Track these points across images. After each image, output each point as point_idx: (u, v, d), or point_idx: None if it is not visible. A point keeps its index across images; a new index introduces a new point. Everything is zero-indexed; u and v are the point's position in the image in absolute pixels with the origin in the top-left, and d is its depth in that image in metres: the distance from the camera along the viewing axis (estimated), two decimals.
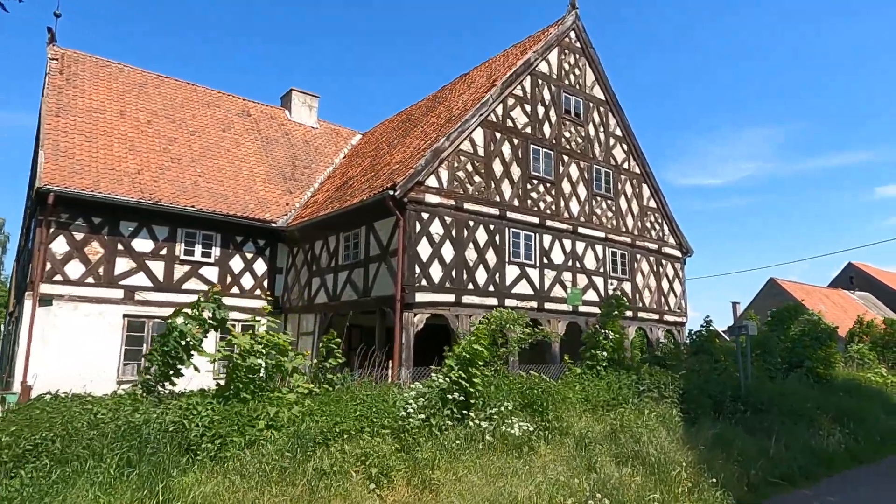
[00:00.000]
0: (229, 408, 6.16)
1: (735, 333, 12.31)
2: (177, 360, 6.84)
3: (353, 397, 7.17)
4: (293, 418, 6.14)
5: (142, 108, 19.34)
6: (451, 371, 7.44)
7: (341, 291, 15.12)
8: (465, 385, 7.31)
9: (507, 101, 15.48)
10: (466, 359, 7.49)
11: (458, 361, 7.51)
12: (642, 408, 9.13)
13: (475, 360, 7.49)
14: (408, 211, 13.08)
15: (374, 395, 7.23)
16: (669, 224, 20.01)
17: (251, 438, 5.73)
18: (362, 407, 6.82)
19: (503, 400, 7.81)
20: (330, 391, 7.75)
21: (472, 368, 7.41)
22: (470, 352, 7.51)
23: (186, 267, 16.43)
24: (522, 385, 8.32)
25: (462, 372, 7.38)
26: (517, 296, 14.91)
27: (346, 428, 6.26)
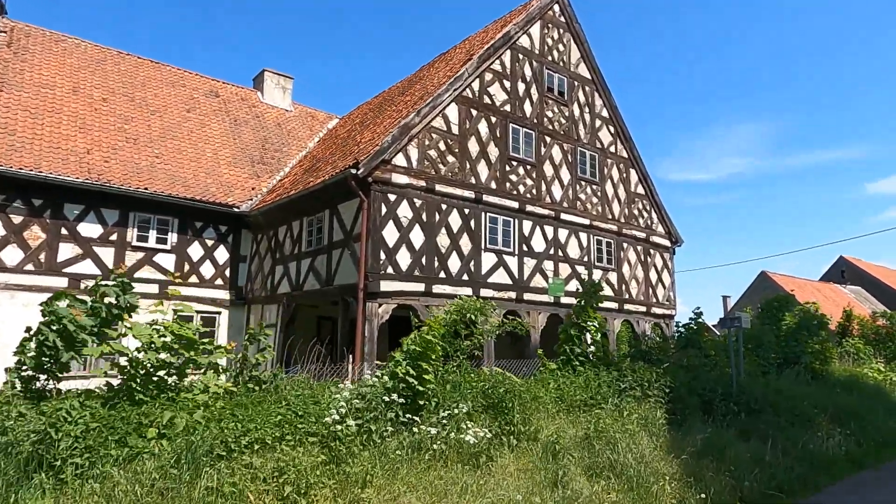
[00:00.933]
0: (115, 413, 5.08)
1: (727, 326, 11.33)
2: (54, 352, 5.74)
3: (278, 399, 6.09)
4: (193, 425, 5.07)
5: (97, 85, 18.08)
6: (398, 366, 6.37)
7: (304, 280, 14.01)
8: (413, 383, 6.25)
9: (484, 77, 14.37)
10: (416, 352, 6.43)
11: (407, 356, 6.45)
12: (623, 408, 8.10)
13: (427, 353, 6.42)
14: (372, 192, 11.97)
15: (305, 396, 6.16)
16: (658, 212, 19.01)
17: (135, 451, 4.65)
18: (288, 410, 5.75)
19: (460, 401, 6.75)
20: (255, 391, 6.66)
21: (423, 363, 6.34)
22: (421, 344, 6.46)
23: (139, 254, 15.23)
24: (485, 383, 7.28)
25: (410, 367, 6.32)
26: (494, 285, 13.86)
27: (261, 436, 5.19)
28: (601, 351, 10.91)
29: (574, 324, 10.48)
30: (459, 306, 8.52)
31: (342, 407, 5.73)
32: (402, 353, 6.56)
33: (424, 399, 6.39)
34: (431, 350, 6.51)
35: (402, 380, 6.29)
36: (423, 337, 6.56)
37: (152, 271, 15.38)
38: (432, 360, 6.52)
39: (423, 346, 6.47)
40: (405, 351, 6.58)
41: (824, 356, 14.96)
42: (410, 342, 6.63)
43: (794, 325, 15.35)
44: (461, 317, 8.18)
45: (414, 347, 6.49)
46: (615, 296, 16.89)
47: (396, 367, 6.39)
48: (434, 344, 6.51)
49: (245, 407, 5.72)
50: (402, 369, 6.31)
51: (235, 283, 16.77)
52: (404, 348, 6.65)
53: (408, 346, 6.57)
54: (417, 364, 6.34)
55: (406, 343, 6.70)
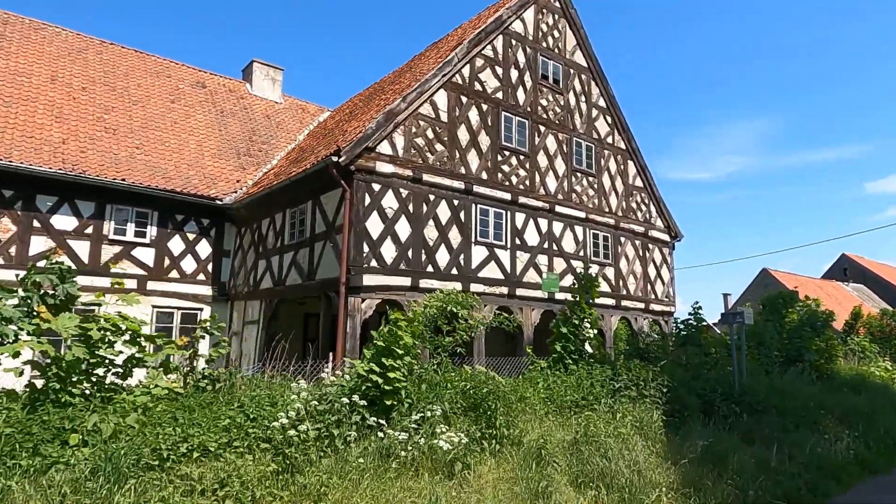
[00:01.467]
0: (35, 416, 4.49)
1: (728, 322, 10.70)
2: None
3: (231, 400, 5.49)
4: (125, 430, 4.48)
5: (77, 74, 17.49)
6: (364, 364, 5.77)
7: (286, 275, 13.41)
8: (379, 382, 5.65)
9: (474, 62, 13.75)
10: (383, 348, 5.83)
11: (376, 352, 5.85)
12: (617, 410, 7.49)
13: (395, 350, 5.82)
14: (355, 181, 11.37)
15: (260, 398, 5.57)
16: (657, 205, 18.39)
17: (50, 461, 4.06)
18: (239, 413, 5.16)
19: (435, 402, 6.15)
20: (207, 391, 6.05)
21: (391, 360, 5.74)
22: (388, 339, 5.86)
23: (116, 248, 14.63)
24: (466, 383, 6.68)
25: (375, 365, 5.71)
26: (485, 280, 13.25)
27: (203, 442, 4.59)
28: (598, 349, 10.28)
29: (567, 320, 9.88)
30: (439, 299, 7.90)
31: (297, 409, 5.12)
32: (372, 350, 5.96)
33: (394, 400, 5.79)
34: (400, 345, 5.90)
35: (367, 378, 5.70)
36: (391, 331, 5.95)
37: (130, 265, 14.78)
38: (402, 357, 5.91)
39: (391, 341, 5.87)
40: (374, 347, 5.98)
41: (829, 354, 14.35)
42: (378, 337, 6.03)
43: (797, 321, 14.72)
44: (441, 311, 7.57)
45: (381, 343, 5.89)
46: (612, 292, 16.29)
47: (367, 364, 5.78)
48: (403, 339, 5.90)
49: (191, 409, 5.13)
50: (366, 366, 5.70)
51: (218, 279, 16.18)
52: (373, 342, 6.04)
53: (376, 342, 5.97)
54: (384, 362, 5.73)
55: (374, 338, 6.10)
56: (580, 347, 9.58)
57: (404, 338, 5.91)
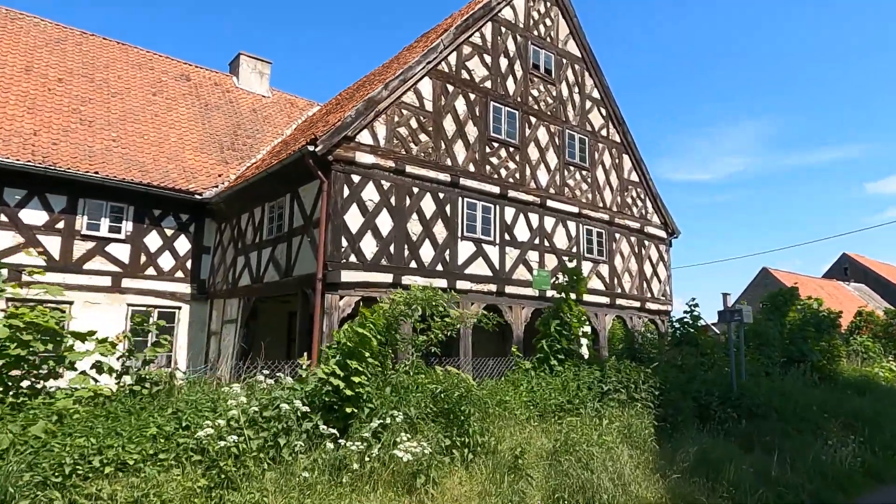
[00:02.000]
0: None
1: (726, 320, 10.10)
2: None
3: (166, 406, 4.91)
4: (28, 441, 3.90)
5: (54, 64, 16.91)
6: (325, 365, 5.18)
7: (264, 272, 12.83)
8: (340, 386, 5.07)
9: (462, 50, 13.18)
10: (347, 349, 5.25)
11: (339, 354, 5.26)
12: (604, 414, 6.90)
13: (359, 351, 5.23)
14: (333, 172, 10.79)
15: (198, 402, 4.99)
16: (653, 201, 17.81)
17: None
18: (171, 420, 4.58)
19: (401, 408, 5.56)
20: (143, 394, 5.47)
21: (354, 363, 5.16)
22: (353, 339, 5.28)
23: (90, 244, 14.04)
24: (436, 386, 6.10)
25: (338, 368, 5.13)
26: (472, 277, 12.67)
27: (121, 454, 4.02)
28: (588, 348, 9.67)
29: (552, 317, 9.29)
30: (404, 296, 7.31)
31: (232, 417, 4.53)
32: (333, 350, 5.38)
33: (353, 407, 5.21)
34: (366, 346, 5.32)
35: (326, 382, 5.12)
36: (355, 330, 5.37)
37: (104, 262, 14.20)
38: (367, 359, 5.34)
39: (356, 341, 5.29)
40: (335, 347, 5.40)
41: (832, 355, 13.76)
42: (342, 336, 5.45)
43: (799, 320, 14.13)
44: (409, 307, 6.98)
45: (345, 343, 5.31)
46: (606, 290, 15.70)
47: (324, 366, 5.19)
48: (369, 339, 5.32)
49: (114, 416, 4.55)
50: (327, 369, 5.13)
51: (198, 276, 15.59)
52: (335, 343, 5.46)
53: (338, 342, 5.39)
54: (346, 364, 5.15)
55: (335, 337, 5.51)
56: (568, 347, 8.99)
57: (370, 338, 5.33)
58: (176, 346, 15.08)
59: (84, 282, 13.84)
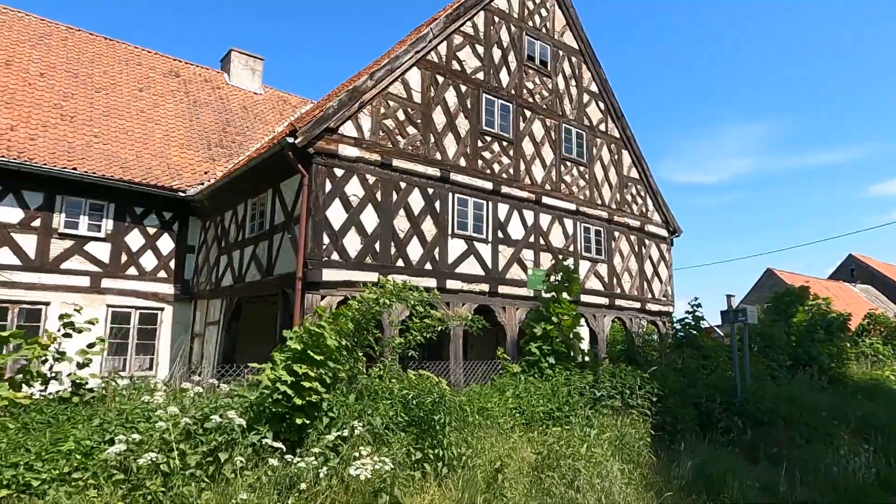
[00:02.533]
0: None
1: (730, 321, 9.50)
2: None
3: (92, 416, 4.37)
4: None
5: (36, 59, 16.44)
6: (273, 370, 4.62)
7: (246, 271, 12.30)
8: (293, 395, 4.51)
9: (452, 39, 12.64)
10: (297, 352, 4.69)
11: (289, 357, 4.71)
12: (594, 423, 6.33)
13: (312, 354, 4.67)
14: (315, 165, 10.26)
15: (129, 412, 4.44)
16: (654, 198, 17.21)
17: None
18: (96, 432, 4.04)
19: (366, 417, 5.00)
20: (71, 402, 4.92)
21: (309, 367, 4.60)
22: (305, 340, 4.72)
23: (68, 242, 13.52)
24: (409, 392, 5.53)
25: (288, 373, 4.57)
26: (463, 276, 12.11)
27: (21, 474, 3.47)
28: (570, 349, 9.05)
29: (544, 317, 8.72)
30: (374, 293, 6.75)
31: (159, 430, 3.98)
32: (283, 353, 4.82)
33: (305, 417, 4.64)
34: (321, 348, 4.76)
35: (274, 389, 4.56)
36: (308, 329, 4.82)
37: (82, 262, 13.68)
38: (324, 363, 4.78)
39: (308, 342, 4.73)
40: (286, 349, 4.84)
41: (841, 358, 13.14)
42: (293, 337, 4.89)
43: (807, 322, 13.50)
44: (380, 305, 6.41)
45: (295, 345, 4.75)
46: (605, 290, 15.11)
47: (270, 371, 4.63)
48: (323, 340, 4.77)
49: (29, 429, 4.01)
50: (272, 375, 4.57)
51: (182, 276, 15.06)
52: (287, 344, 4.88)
53: (290, 344, 4.83)
54: (296, 368, 4.59)
55: (287, 338, 4.95)
56: (559, 349, 8.40)
57: (327, 339, 4.77)
58: (158, 348, 14.56)
59: (61, 282, 13.33)
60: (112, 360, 13.97)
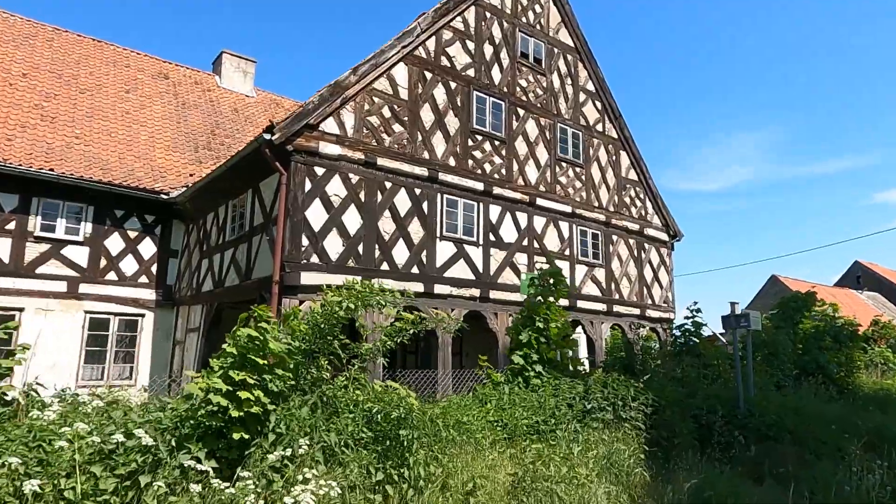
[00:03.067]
0: None
1: (732, 326, 8.90)
2: None
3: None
4: None
5: (20, 60, 16.05)
6: (210, 377, 4.08)
7: (225, 275, 11.79)
8: (230, 408, 3.97)
9: (441, 35, 12.16)
10: (238, 359, 4.14)
11: (226, 364, 4.17)
12: (579, 439, 5.75)
13: (255, 360, 4.13)
14: (293, 163, 9.77)
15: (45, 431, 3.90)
16: (654, 201, 16.66)
17: None
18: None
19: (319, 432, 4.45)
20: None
21: (248, 375, 4.06)
22: (245, 346, 4.19)
23: (44, 246, 13.04)
24: (372, 405, 4.98)
25: (221, 381, 4.03)
26: (452, 281, 11.57)
27: None
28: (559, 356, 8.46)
29: (528, 323, 8.15)
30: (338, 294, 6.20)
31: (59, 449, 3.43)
32: (220, 360, 4.28)
33: (244, 431, 4.09)
34: (264, 353, 4.22)
35: (206, 400, 4.02)
36: (247, 333, 4.27)
37: (59, 266, 13.19)
38: (269, 370, 4.24)
39: (250, 345, 4.19)
40: (223, 356, 4.31)
41: (850, 366, 12.51)
42: (230, 342, 4.34)
43: (814, 329, 12.88)
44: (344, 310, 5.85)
45: (232, 349, 4.21)
46: (603, 296, 14.54)
47: (201, 379, 4.09)
48: (265, 344, 4.23)
49: None
50: (202, 384, 4.03)
51: (164, 281, 14.55)
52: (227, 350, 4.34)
53: (226, 349, 4.29)
54: (232, 376, 4.04)
55: (229, 343, 4.40)
56: (547, 357, 7.84)
57: (269, 342, 4.23)
58: (138, 356, 14.03)
59: (36, 287, 12.84)
60: (90, 369, 13.46)
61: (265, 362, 4.20)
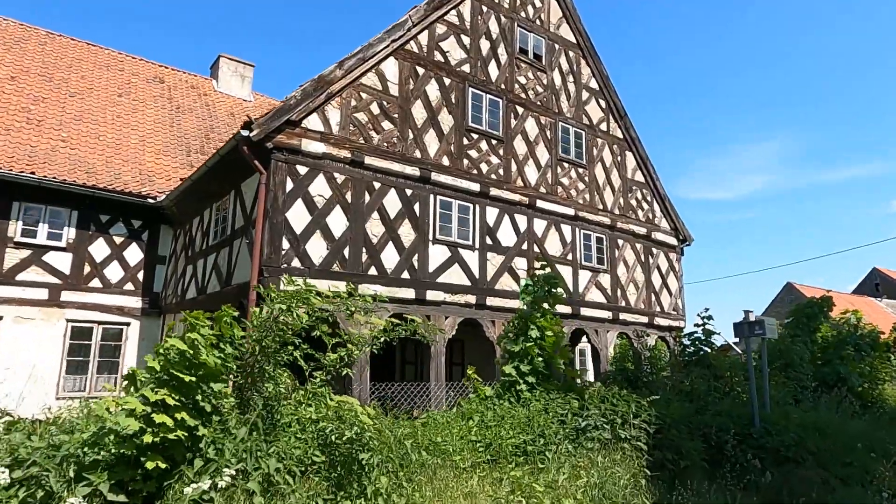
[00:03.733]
0: None
1: (745, 335, 8.13)
2: None
3: None
4: None
5: (9, 63, 15.73)
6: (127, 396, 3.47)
7: (208, 281, 11.23)
8: (143, 432, 3.35)
9: (435, 29, 11.60)
10: (155, 373, 3.52)
11: (153, 379, 3.56)
12: (567, 463, 5.05)
13: (180, 374, 3.51)
14: (273, 161, 9.20)
15: None
16: (662, 204, 15.92)
17: None
18: None
19: (254, 457, 3.81)
20: None
21: (163, 392, 3.43)
22: (173, 358, 3.57)
23: (24, 252, 12.57)
24: (326, 424, 4.32)
25: (136, 401, 3.41)
26: (446, 286, 10.92)
27: None
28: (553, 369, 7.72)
29: (523, 331, 7.47)
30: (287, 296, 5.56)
31: None
32: (133, 376, 3.66)
33: (160, 460, 3.44)
34: (191, 368, 3.60)
35: (115, 423, 3.40)
36: (175, 346, 3.64)
37: (41, 273, 12.71)
38: (201, 387, 3.62)
39: (176, 358, 3.58)
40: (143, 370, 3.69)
41: (875, 378, 11.66)
42: (153, 354, 3.72)
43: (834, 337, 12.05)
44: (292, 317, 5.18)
45: (155, 363, 3.59)
46: (608, 303, 13.80)
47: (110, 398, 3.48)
48: (197, 356, 3.60)
49: None
50: (106, 404, 3.41)
51: (150, 289, 14.03)
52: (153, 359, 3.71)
53: (148, 362, 3.67)
54: (148, 395, 3.42)
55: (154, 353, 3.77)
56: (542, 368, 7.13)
57: (202, 355, 3.62)
58: (123, 366, 13.48)
59: (16, 294, 12.36)
60: (73, 380, 12.94)
61: (192, 379, 3.58)
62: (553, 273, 8.53)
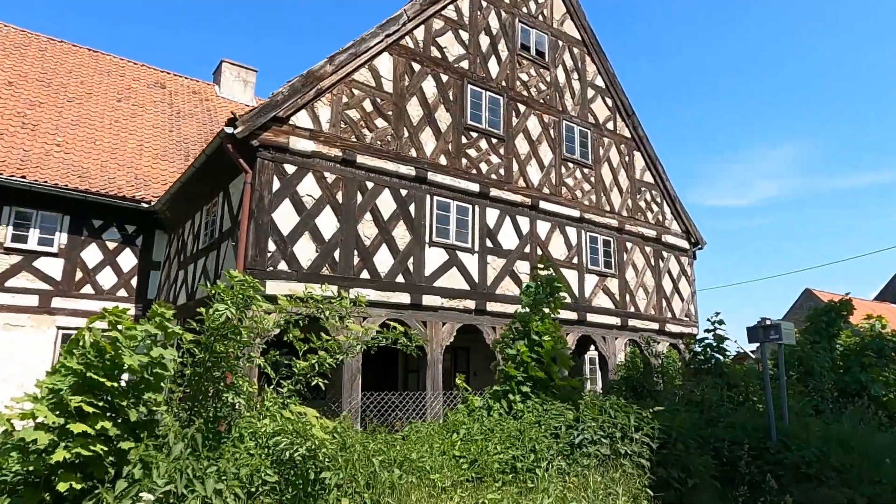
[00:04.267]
0: None
1: (761, 340, 7.51)
2: None
3: None
4: None
5: (7, 68, 15.61)
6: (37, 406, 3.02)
7: (197, 286, 10.85)
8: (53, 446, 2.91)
9: (431, 24, 11.20)
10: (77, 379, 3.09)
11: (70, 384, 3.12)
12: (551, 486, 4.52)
13: (98, 378, 3.07)
14: (259, 160, 8.81)
15: None
16: (672, 205, 15.33)
17: None
18: None
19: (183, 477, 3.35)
20: None
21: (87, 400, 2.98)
22: (91, 360, 3.13)
23: (15, 258, 12.31)
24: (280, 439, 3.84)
25: (49, 412, 2.95)
26: (443, 291, 10.44)
27: None
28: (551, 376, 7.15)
29: (519, 336, 6.96)
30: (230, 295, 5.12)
31: None
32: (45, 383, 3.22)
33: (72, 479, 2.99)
34: (111, 371, 3.16)
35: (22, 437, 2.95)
36: (93, 343, 3.21)
37: (32, 279, 12.43)
38: (125, 395, 3.17)
39: (94, 360, 3.13)
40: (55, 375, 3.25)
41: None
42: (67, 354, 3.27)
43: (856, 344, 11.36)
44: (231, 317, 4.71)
45: (73, 363, 3.14)
46: (616, 308, 13.22)
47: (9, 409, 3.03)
48: (120, 355, 3.16)
49: None
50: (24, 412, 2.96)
51: (144, 295, 13.71)
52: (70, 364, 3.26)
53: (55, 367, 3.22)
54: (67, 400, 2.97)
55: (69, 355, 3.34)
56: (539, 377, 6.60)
57: (124, 357, 3.18)
58: None
59: (5, 301, 12.09)
60: None
61: (113, 384, 3.15)
62: (556, 275, 8.00)
